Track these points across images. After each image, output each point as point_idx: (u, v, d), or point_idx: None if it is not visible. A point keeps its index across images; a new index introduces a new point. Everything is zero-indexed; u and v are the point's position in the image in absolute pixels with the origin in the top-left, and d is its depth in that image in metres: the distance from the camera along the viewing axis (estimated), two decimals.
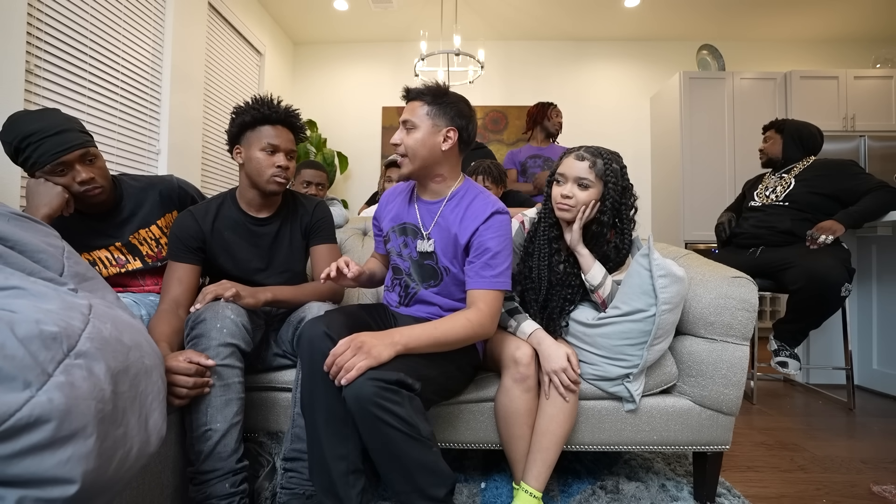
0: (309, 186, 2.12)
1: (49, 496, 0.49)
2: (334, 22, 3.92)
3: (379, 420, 0.79)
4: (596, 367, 1.10)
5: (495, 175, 1.90)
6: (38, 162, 1.05)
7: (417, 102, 1.06)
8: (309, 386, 0.90)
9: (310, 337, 0.91)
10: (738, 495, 1.18)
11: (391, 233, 1.15)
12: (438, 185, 1.09)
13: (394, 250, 1.15)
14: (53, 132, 1.06)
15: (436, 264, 1.09)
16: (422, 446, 0.82)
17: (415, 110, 1.05)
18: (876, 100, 3.48)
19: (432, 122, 1.05)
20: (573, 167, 1.10)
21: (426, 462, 0.83)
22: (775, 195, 2.05)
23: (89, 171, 1.11)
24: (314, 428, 0.90)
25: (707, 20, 3.83)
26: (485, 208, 1.04)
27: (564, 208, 1.10)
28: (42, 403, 0.50)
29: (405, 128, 1.06)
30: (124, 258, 1.23)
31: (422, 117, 1.04)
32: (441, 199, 1.09)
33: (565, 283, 1.15)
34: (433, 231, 1.09)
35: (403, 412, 0.80)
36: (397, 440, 0.80)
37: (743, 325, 1.09)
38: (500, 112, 4.22)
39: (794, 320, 1.88)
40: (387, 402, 0.79)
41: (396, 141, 1.06)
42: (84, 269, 0.81)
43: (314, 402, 0.90)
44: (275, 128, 1.17)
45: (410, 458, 0.82)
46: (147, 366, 0.69)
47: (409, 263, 1.12)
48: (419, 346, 0.90)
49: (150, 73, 2.45)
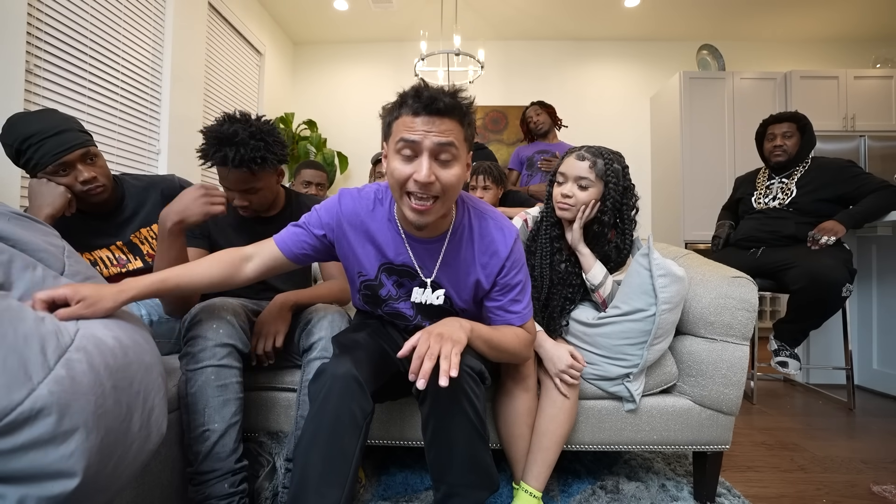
0: (309, 186, 2.13)
1: (50, 492, 0.49)
2: (334, 22, 3.92)
3: (459, 408, 0.78)
4: (596, 366, 1.10)
5: (495, 175, 1.91)
6: (39, 163, 1.06)
7: (454, 122, 0.77)
8: (313, 426, 0.78)
9: (333, 375, 0.80)
10: (738, 495, 1.18)
11: (381, 276, 0.94)
12: (442, 220, 0.87)
13: (382, 296, 0.97)
14: (53, 133, 1.06)
15: (450, 307, 0.95)
16: (485, 445, 0.83)
17: (451, 133, 0.76)
18: (876, 100, 3.48)
19: (466, 148, 0.81)
20: (574, 167, 1.10)
21: (485, 462, 0.83)
22: (778, 202, 2.01)
23: (91, 170, 1.11)
24: (306, 468, 0.76)
25: (707, 20, 3.83)
26: (504, 240, 0.90)
27: (564, 207, 1.11)
28: (43, 396, 0.50)
29: (438, 158, 0.76)
30: (125, 258, 1.23)
31: (461, 143, 0.78)
32: (442, 235, 0.90)
33: (566, 282, 1.15)
34: (439, 277, 0.92)
35: (479, 406, 0.80)
36: (469, 432, 0.80)
37: (743, 324, 1.09)
38: (500, 112, 4.22)
39: (795, 320, 1.87)
40: (471, 392, 0.79)
41: (429, 179, 0.75)
42: (84, 269, 0.81)
43: (316, 442, 0.77)
44: (227, 169, 1.06)
45: (474, 453, 0.81)
46: (147, 363, 0.69)
47: (409, 304, 0.97)
48: (480, 339, 0.84)
49: (150, 73, 2.45)
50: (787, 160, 2.02)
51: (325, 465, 0.76)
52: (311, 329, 1.05)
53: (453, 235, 0.90)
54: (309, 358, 1.03)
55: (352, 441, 0.78)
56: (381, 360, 0.92)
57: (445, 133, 0.75)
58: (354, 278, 0.99)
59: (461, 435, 0.80)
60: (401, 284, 0.95)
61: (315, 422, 0.78)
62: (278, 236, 0.95)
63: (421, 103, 0.74)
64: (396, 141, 0.77)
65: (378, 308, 1.01)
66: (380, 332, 1.01)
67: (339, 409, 0.78)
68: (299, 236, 0.94)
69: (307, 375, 1.02)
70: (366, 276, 0.95)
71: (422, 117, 0.75)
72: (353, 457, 0.78)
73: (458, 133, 0.78)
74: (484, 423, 0.83)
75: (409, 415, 1.11)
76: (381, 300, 0.98)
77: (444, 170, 0.77)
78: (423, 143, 0.75)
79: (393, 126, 0.79)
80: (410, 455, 1.34)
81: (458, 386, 0.78)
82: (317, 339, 1.03)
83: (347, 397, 0.79)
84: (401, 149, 0.77)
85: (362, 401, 0.80)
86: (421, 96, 0.75)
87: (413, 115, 0.75)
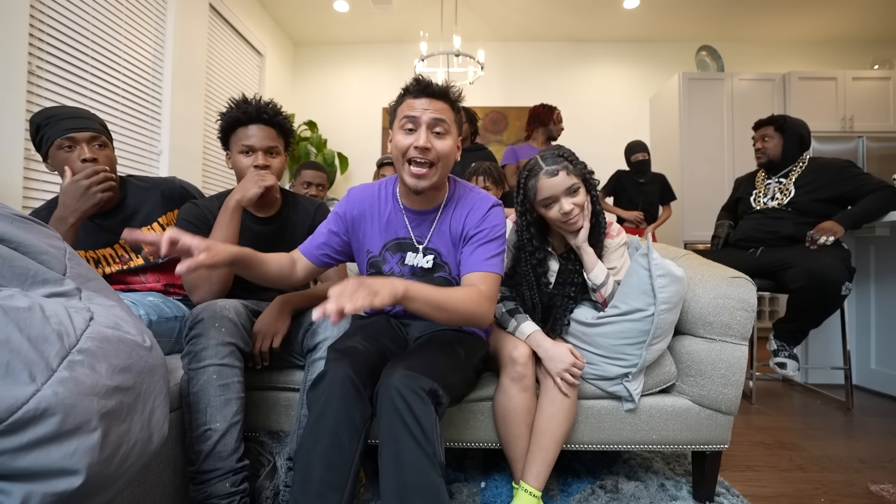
0: (309, 187, 2.13)
1: (55, 489, 0.50)
2: (335, 23, 3.93)
3: (400, 420, 0.76)
4: (595, 366, 1.10)
5: (495, 176, 1.91)
6: (50, 137, 1.12)
7: (445, 104, 0.96)
8: (314, 432, 0.80)
9: (332, 380, 0.82)
10: (736, 494, 1.19)
11: (385, 252, 1.05)
12: (436, 192, 1.03)
13: (385, 272, 1.05)
14: (74, 116, 1.16)
15: (448, 275, 1.04)
16: (432, 467, 0.75)
17: (444, 112, 0.95)
18: (874, 101, 3.49)
19: (457, 128, 0.99)
20: (556, 184, 1.07)
21: (428, 486, 0.75)
22: (776, 202, 2.02)
23: (94, 153, 1.15)
24: (308, 473, 0.78)
25: (706, 21, 3.85)
26: (486, 201, 1.03)
27: (574, 220, 1.09)
28: (48, 397, 0.51)
29: (433, 131, 0.94)
30: (127, 255, 1.25)
31: (451, 122, 0.97)
32: (436, 207, 1.04)
33: (568, 280, 1.16)
34: (432, 242, 1.04)
35: (427, 424, 0.76)
36: (409, 449, 0.75)
37: (741, 324, 1.10)
38: (499, 113, 4.23)
39: (795, 319, 1.88)
40: (414, 406, 0.76)
41: (426, 145, 0.92)
42: (86, 271, 0.81)
43: (316, 447, 0.78)
44: (248, 128, 1.16)
45: (415, 473, 0.75)
46: (150, 364, 0.70)
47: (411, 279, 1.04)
48: (419, 300, 0.82)
49: (152, 75, 2.46)
50: (770, 161, 2.09)
51: (325, 470, 0.77)
52: (316, 329, 1.06)
53: (446, 207, 1.05)
54: (313, 357, 1.04)
55: (352, 445, 0.79)
56: (380, 361, 0.93)
57: (439, 111, 0.94)
58: (363, 262, 1.08)
59: (401, 452, 0.76)
60: (403, 261, 1.05)
61: (316, 427, 0.80)
62: (302, 245, 1.08)
63: (420, 87, 0.95)
64: (400, 118, 0.95)
65: None
66: (378, 334, 1.01)
67: (339, 414, 0.80)
68: (317, 238, 1.07)
69: (311, 375, 1.03)
70: (372, 252, 1.07)
71: (420, 99, 0.94)
72: (353, 460, 0.79)
73: (449, 113, 0.97)
74: (432, 442, 0.76)
75: None
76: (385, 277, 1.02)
77: (438, 140, 0.95)
78: (422, 117, 0.93)
79: (398, 110, 0.98)
80: None
81: (399, 397, 0.77)
82: (322, 338, 1.04)
83: (347, 403, 0.80)
84: (404, 124, 0.94)
85: (361, 406, 0.82)
86: (420, 83, 0.95)
87: (413, 97, 0.95)
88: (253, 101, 1.17)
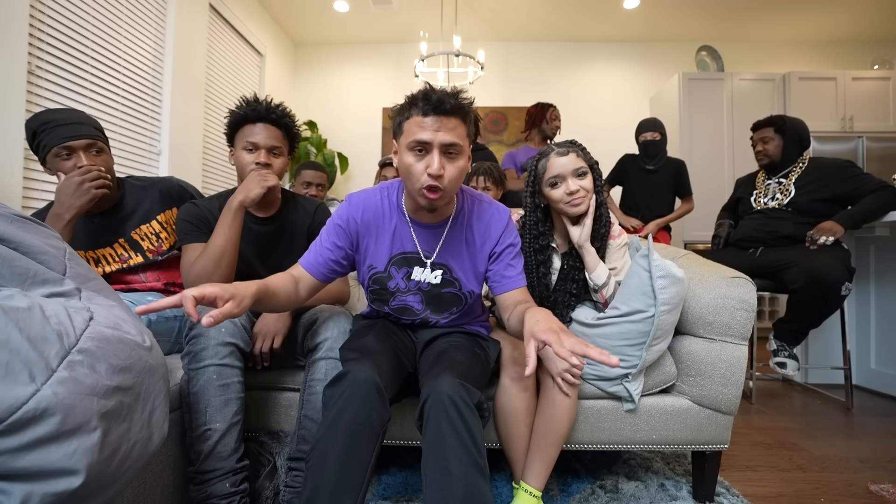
0: (309, 187, 2.13)
1: (55, 489, 0.50)
2: (335, 23, 3.93)
3: (453, 431, 0.76)
4: (595, 366, 1.10)
5: (496, 176, 1.91)
6: (47, 145, 1.12)
7: (458, 120, 0.87)
8: (331, 431, 0.78)
9: (355, 380, 0.80)
10: (736, 494, 1.19)
11: (391, 267, 1.00)
12: (445, 205, 0.96)
13: (390, 288, 1.01)
14: (69, 122, 1.14)
15: (458, 290, 1.02)
16: (484, 480, 0.77)
17: (456, 130, 0.86)
18: (874, 101, 3.49)
19: (469, 142, 0.91)
20: (563, 164, 1.11)
21: (478, 498, 0.75)
22: (776, 202, 2.02)
23: (92, 160, 1.15)
24: (322, 473, 0.76)
25: (706, 21, 3.85)
26: (501, 213, 1.02)
27: (578, 202, 1.10)
28: (47, 397, 0.51)
29: (446, 154, 0.86)
30: (126, 254, 1.26)
31: (464, 139, 0.88)
32: (444, 220, 0.99)
33: (570, 277, 1.16)
34: (441, 257, 0.99)
35: (478, 436, 0.78)
36: (461, 460, 0.76)
37: (741, 324, 1.10)
38: (499, 113, 4.23)
39: (795, 319, 1.88)
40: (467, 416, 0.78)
41: (440, 172, 0.84)
42: (85, 271, 0.81)
43: (333, 448, 0.77)
44: (254, 126, 1.17)
45: (466, 484, 0.75)
46: (150, 365, 0.70)
47: (419, 297, 1.02)
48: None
49: (152, 75, 2.46)
50: (772, 162, 2.09)
51: (341, 472, 0.76)
52: (317, 329, 1.06)
53: (455, 220, 1.00)
54: (314, 358, 1.04)
55: (368, 448, 0.78)
56: (398, 366, 0.94)
57: (452, 130, 0.86)
58: (365, 276, 1.03)
59: (459, 469, 0.76)
60: (409, 276, 1.00)
61: (333, 427, 0.78)
62: (305, 261, 0.99)
63: (430, 105, 0.84)
64: (409, 141, 0.86)
65: (386, 305, 1.04)
66: (389, 336, 1.02)
67: (359, 416, 0.78)
68: (323, 254, 0.99)
69: (312, 375, 1.03)
70: (376, 268, 1.01)
71: (431, 117, 0.85)
72: (369, 464, 0.78)
73: (462, 130, 0.88)
74: (485, 458, 0.79)
75: (409, 415, 1.11)
76: (390, 294, 1.02)
77: (451, 164, 0.87)
78: (434, 141, 0.85)
79: (404, 125, 0.89)
80: (410, 455, 1.35)
81: (458, 416, 0.77)
82: (322, 339, 1.04)
83: (368, 405, 0.79)
84: (413, 147, 0.86)
85: (381, 409, 0.80)
86: (430, 99, 0.85)
87: (423, 115, 0.85)
88: (263, 102, 1.18)
